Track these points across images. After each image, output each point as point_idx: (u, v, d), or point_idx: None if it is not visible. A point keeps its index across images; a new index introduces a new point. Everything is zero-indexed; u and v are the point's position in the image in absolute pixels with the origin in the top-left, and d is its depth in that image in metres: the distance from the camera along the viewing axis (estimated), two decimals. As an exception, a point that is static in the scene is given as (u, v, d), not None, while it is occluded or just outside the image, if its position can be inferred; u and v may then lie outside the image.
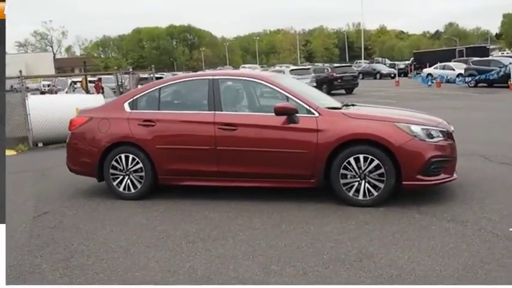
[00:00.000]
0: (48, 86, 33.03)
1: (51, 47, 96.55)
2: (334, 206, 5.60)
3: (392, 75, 36.42)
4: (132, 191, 6.32)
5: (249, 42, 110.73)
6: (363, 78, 43.49)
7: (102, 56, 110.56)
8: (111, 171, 6.36)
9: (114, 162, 6.33)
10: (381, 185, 5.50)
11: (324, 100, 6.77)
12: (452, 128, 6.01)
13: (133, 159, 6.26)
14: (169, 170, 6.16)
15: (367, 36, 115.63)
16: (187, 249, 4.49)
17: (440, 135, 5.66)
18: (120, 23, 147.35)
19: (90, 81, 20.91)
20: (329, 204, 5.64)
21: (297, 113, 5.72)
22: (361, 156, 5.51)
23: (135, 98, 6.49)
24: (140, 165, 6.24)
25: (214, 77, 6.29)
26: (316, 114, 5.72)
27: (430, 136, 5.56)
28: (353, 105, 6.96)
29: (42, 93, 26.56)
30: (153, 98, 6.42)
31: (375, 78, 42.14)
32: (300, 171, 5.74)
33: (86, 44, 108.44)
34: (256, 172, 5.89)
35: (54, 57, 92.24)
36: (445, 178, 5.65)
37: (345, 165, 5.56)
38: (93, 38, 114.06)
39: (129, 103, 6.45)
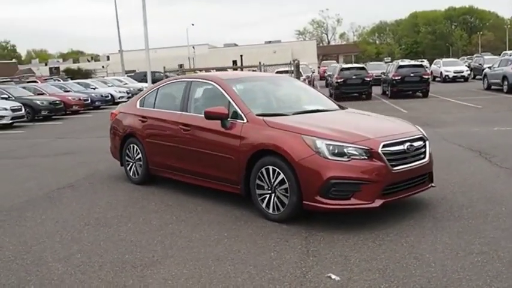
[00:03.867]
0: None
1: (326, 34, 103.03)
2: (252, 216, 5.47)
3: None
4: (136, 176, 7.35)
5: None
6: None
7: (377, 42, 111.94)
8: (126, 158, 7.53)
9: (127, 151, 7.48)
10: (287, 201, 5.12)
11: (309, 105, 6.41)
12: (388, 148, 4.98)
13: (136, 149, 7.27)
14: (154, 162, 6.95)
15: None
16: (77, 230, 5.25)
17: (363, 154, 4.85)
18: (398, 8, 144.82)
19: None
20: (249, 214, 5.54)
21: (229, 117, 5.73)
22: (271, 168, 5.23)
23: (144, 96, 7.46)
24: (140, 155, 7.21)
25: (189, 80, 6.74)
26: (244, 121, 5.62)
27: (340, 154, 4.84)
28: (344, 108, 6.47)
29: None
30: (153, 96, 7.26)
31: None
32: (229, 176, 5.77)
33: (360, 31, 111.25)
34: (201, 172, 6.16)
35: (328, 43, 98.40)
36: (356, 204, 4.84)
37: (259, 175, 5.36)
38: (369, 24, 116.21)
39: (139, 100, 7.47)
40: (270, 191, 5.28)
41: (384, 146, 4.92)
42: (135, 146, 7.28)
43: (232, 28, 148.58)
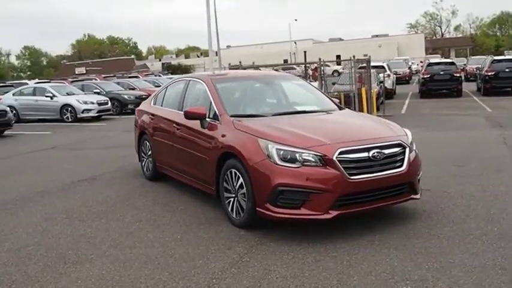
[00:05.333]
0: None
1: (440, 27, 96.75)
2: (220, 220, 5.34)
3: None
4: (148, 172, 7.54)
5: None
6: None
7: (498, 34, 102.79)
8: (141, 154, 7.76)
9: (142, 147, 7.71)
10: (245, 207, 4.92)
11: (302, 105, 6.11)
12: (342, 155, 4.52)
13: (148, 146, 7.45)
14: (159, 159, 7.08)
15: None
16: (54, 223, 5.50)
17: (317, 161, 4.48)
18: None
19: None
20: (219, 217, 5.42)
21: (207, 117, 5.64)
22: (233, 171, 5.06)
23: (157, 94, 7.59)
24: (150, 151, 7.38)
25: (188, 79, 6.73)
26: (219, 122, 5.49)
27: (291, 160, 4.52)
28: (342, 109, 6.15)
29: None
30: (162, 95, 7.37)
31: None
32: (205, 177, 5.69)
33: (477, 23, 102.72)
34: (188, 171, 6.17)
35: (441, 36, 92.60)
36: (307, 214, 4.49)
37: (225, 178, 5.22)
38: (489, 14, 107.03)
39: (153, 99, 7.62)
40: (233, 195, 5.11)
41: (341, 153, 4.49)
42: (147, 143, 7.46)
43: (342, 23, 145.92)
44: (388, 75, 22.20)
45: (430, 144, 9.83)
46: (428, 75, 21.07)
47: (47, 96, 18.79)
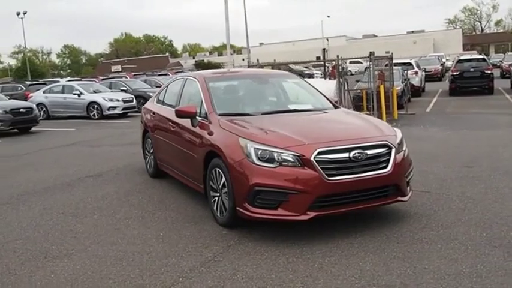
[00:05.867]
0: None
1: (480, 22, 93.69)
2: (206, 218, 5.35)
3: None
4: (151, 169, 7.63)
5: None
6: None
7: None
8: (145, 151, 7.86)
9: (146, 144, 7.80)
10: (227, 206, 4.91)
11: (296, 104, 6.05)
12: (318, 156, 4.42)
13: (150, 143, 7.53)
14: (159, 157, 7.14)
15: None
16: (48, 218, 5.64)
17: (295, 161, 4.41)
18: None
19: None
20: (208, 215, 5.42)
21: (197, 116, 5.65)
22: (217, 170, 5.05)
23: (160, 92, 7.66)
24: (152, 149, 7.46)
25: (185, 77, 6.76)
26: (208, 120, 5.48)
27: (269, 159, 4.46)
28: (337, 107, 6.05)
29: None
30: (163, 93, 7.43)
31: None
32: (196, 175, 5.69)
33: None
34: (181, 169, 6.19)
35: (481, 32, 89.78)
36: (284, 215, 4.43)
37: (210, 176, 5.22)
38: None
39: (157, 96, 7.70)
40: (218, 194, 5.10)
41: (320, 153, 4.41)
42: (150, 140, 7.54)
43: (377, 18, 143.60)
44: (416, 73, 21.72)
45: (447, 144, 9.61)
46: (458, 72, 20.45)
47: (74, 94, 19.28)
